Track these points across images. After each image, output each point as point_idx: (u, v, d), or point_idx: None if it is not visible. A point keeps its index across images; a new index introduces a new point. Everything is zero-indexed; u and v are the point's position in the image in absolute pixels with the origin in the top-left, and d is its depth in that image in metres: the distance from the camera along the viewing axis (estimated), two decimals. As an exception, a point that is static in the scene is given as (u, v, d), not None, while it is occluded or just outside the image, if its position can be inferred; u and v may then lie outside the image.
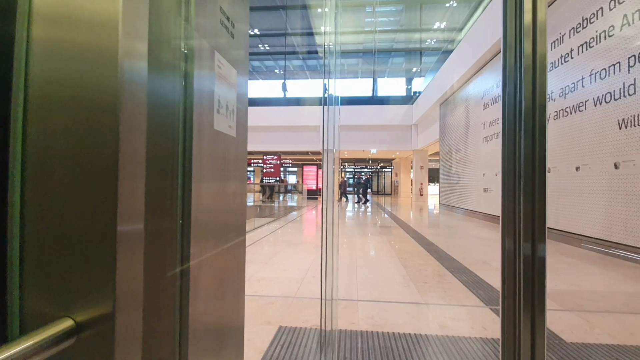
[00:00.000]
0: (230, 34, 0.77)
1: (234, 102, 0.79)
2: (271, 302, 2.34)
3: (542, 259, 0.74)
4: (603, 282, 2.93)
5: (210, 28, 0.67)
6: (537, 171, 0.76)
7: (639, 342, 1.78)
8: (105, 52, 0.42)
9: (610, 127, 4.02)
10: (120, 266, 0.42)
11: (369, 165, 28.94)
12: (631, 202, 3.71)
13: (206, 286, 0.68)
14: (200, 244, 0.64)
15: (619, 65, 3.89)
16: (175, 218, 0.58)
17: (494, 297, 2.48)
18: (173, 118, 0.57)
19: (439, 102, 11.79)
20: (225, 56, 0.74)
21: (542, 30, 0.78)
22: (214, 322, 0.73)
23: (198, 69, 0.61)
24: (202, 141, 0.63)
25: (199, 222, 0.63)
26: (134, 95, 0.44)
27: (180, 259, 0.59)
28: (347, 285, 2.75)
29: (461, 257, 3.88)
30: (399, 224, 7.15)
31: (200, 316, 0.65)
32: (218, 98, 0.70)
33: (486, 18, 7.46)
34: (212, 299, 0.71)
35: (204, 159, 0.64)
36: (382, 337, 1.83)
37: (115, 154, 0.41)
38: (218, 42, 0.70)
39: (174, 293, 0.58)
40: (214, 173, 0.69)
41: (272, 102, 16.85)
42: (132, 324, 0.45)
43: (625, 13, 3.81)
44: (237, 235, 0.84)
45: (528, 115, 0.77)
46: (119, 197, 0.41)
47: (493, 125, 7.53)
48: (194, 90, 0.59)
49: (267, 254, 3.94)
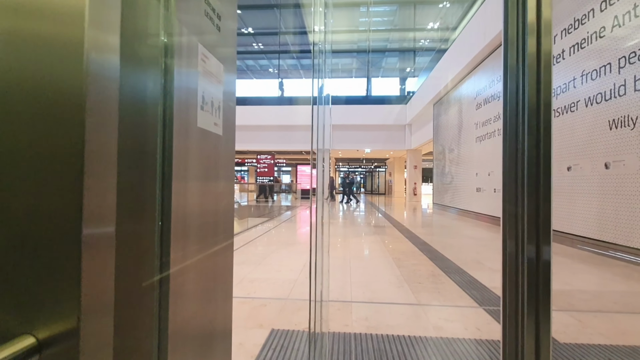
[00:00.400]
0: (216, 27, 0.73)
1: (220, 99, 0.75)
2: (264, 304, 2.30)
3: (547, 263, 0.72)
4: (594, 281, 2.96)
5: (194, 19, 0.63)
6: (542, 171, 0.73)
7: (631, 342, 1.79)
8: (69, 44, 0.38)
9: (601, 127, 4.06)
10: (86, 274, 0.38)
11: (363, 164, 29.01)
12: (621, 202, 3.76)
13: (189, 291, 0.64)
14: (182, 247, 0.60)
15: (610, 66, 3.93)
16: (154, 219, 0.54)
17: (487, 298, 2.48)
18: (150, 115, 0.53)
19: (433, 102, 11.84)
20: (211, 50, 0.70)
21: (547, 26, 0.76)
22: (199, 328, 0.69)
23: (179, 63, 0.57)
24: (184, 139, 0.59)
25: (180, 224, 0.59)
26: (103, 90, 0.40)
27: (159, 263, 0.55)
28: (340, 286, 2.73)
29: (455, 256, 3.89)
30: (392, 224, 7.15)
31: (182, 323, 0.61)
32: (202, 94, 0.66)
33: (479, 18, 7.50)
34: (197, 304, 0.68)
35: (187, 158, 0.60)
36: (376, 340, 1.80)
37: (80, 151, 0.37)
38: (202, 34, 0.66)
39: (152, 300, 0.54)
40: (197, 172, 0.65)
41: (266, 102, 16.76)
42: (101, 338, 0.41)
43: (616, 14, 3.85)
44: (224, 237, 0.80)
45: (532, 113, 0.75)
46: (85, 198, 0.37)
47: (486, 126, 7.57)
48: (175, 85, 0.55)
49: (261, 255, 3.89)
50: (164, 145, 0.55)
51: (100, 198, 0.40)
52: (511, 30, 0.83)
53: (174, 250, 0.57)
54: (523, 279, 0.77)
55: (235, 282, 2.77)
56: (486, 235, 5.66)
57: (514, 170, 0.77)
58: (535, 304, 0.72)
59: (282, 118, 15.46)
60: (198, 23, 0.65)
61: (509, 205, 0.78)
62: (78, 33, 0.38)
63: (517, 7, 0.83)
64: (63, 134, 0.37)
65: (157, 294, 0.55)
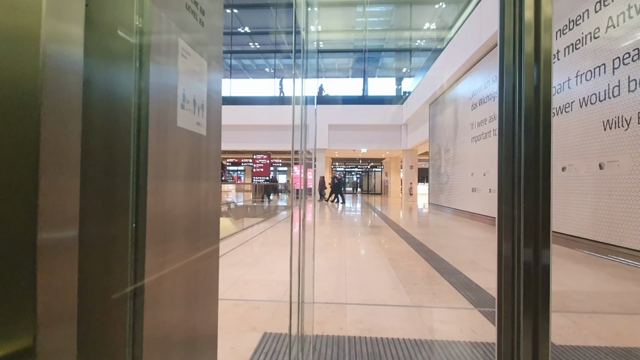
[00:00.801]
0: (199, 21, 0.70)
1: (203, 98, 0.72)
2: (257, 307, 2.26)
3: (547, 267, 0.69)
4: (589, 281, 2.96)
5: (173, 12, 0.60)
6: (542, 171, 0.70)
7: (626, 344, 1.78)
8: (25, 34, 0.35)
9: (596, 128, 4.07)
10: (43, 284, 0.34)
11: (360, 164, 29.03)
12: (615, 202, 3.77)
13: (169, 296, 0.61)
14: (160, 250, 0.57)
15: (604, 67, 3.94)
16: (127, 222, 0.51)
17: (482, 299, 2.46)
18: (123, 112, 0.49)
19: (429, 102, 11.86)
20: (193, 46, 0.67)
21: (548, 23, 0.73)
22: (180, 335, 0.66)
23: (156, 58, 0.54)
24: (161, 138, 0.55)
25: (158, 226, 0.56)
26: (64, 85, 0.36)
27: (133, 269, 0.51)
28: (335, 287, 2.70)
29: (450, 257, 3.88)
30: (388, 224, 7.14)
31: (160, 331, 0.57)
32: (183, 92, 0.63)
33: (475, 18, 7.51)
34: (178, 310, 0.64)
35: (165, 158, 0.57)
36: (370, 343, 1.77)
37: (34, 150, 0.34)
38: (183, 29, 0.63)
39: (124, 309, 0.51)
40: (178, 173, 0.62)
41: (262, 101, 16.69)
42: (63, 356, 0.38)
43: (611, 15, 3.86)
44: (208, 239, 0.77)
45: (529, 113, 0.72)
46: (40, 200, 0.34)
47: (481, 126, 7.59)
48: (150, 82, 0.52)
49: (255, 256, 3.85)
50: (139, 145, 0.51)
51: (60, 200, 0.36)
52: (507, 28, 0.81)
53: (151, 254, 0.54)
54: (519, 283, 0.74)
55: (229, 284, 2.73)
56: (482, 236, 5.66)
57: (511, 171, 0.74)
58: (533, 310, 0.69)
59: (277, 117, 15.41)
60: (178, 16, 0.61)
61: (505, 207, 0.75)
62: (34, 22, 0.35)
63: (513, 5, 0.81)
64: (16, 130, 0.34)
65: (130, 302, 0.51)
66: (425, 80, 12.00)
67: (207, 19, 0.74)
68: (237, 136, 16.63)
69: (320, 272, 3.16)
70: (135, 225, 0.52)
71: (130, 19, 0.52)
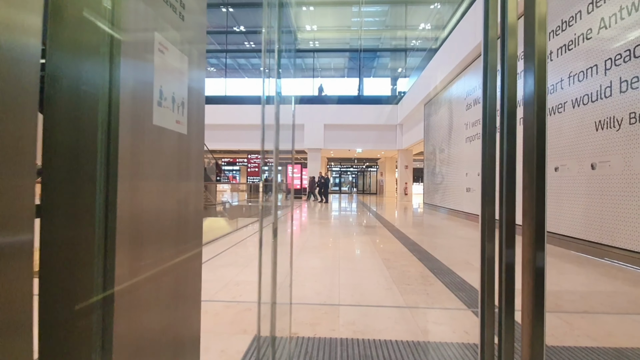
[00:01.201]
0: (179, 15, 0.67)
1: (184, 95, 0.69)
2: (249, 309, 2.23)
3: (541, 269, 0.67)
4: (580, 281, 2.97)
5: (149, 2, 0.57)
6: (537, 172, 0.69)
7: (618, 344, 1.78)
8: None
9: (588, 128, 4.10)
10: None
11: (355, 164, 29.07)
12: (606, 202, 3.80)
13: (144, 300, 0.58)
14: (133, 253, 0.54)
15: (597, 67, 3.97)
16: (94, 224, 0.48)
17: (475, 299, 2.46)
18: (88, 109, 0.46)
19: (424, 102, 11.90)
20: (172, 41, 0.64)
21: (542, 22, 0.72)
22: (156, 339, 0.63)
23: (128, 51, 0.51)
24: (134, 137, 0.52)
25: (131, 228, 0.53)
26: (15, 77, 0.34)
27: (102, 273, 0.48)
28: (329, 288, 2.68)
29: (444, 257, 3.88)
30: (383, 224, 7.14)
31: (133, 336, 0.54)
32: (160, 88, 0.60)
33: (469, 19, 7.54)
34: (153, 314, 0.61)
35: (139, 158, 0.54)
36: (362, 345, 1.76)
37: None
38: (160, 22, 0.60)
39: (92, 315, 0.48)
40: (154, 173, 0.59)
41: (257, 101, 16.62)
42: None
43: (603, 16, 3.89)
44: (189, 241, 0.74)
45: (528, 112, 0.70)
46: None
47: (476, 126, 7.62)
48: (121, 77, 0.49)
49: (248, 256, 3.82)
50: (109, 143, 0.48)
51: (10, 200, 0.33)
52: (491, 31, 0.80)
53: (122, 258, 0.51)
54: (500, 285, 0.73)
55: (221, 286, 2.70)
56: (476, 235, 5.68)
57: (492, 172, 0.72)
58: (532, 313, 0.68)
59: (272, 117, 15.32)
60: (155, 9, 0.59)
61: (489, 207, 0.74)
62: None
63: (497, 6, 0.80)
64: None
65: (98, 310, 0.48)
66: (420, 80, 12.03)
67: (188, 14, 0.71)
68: (231, 136, 16.54)
69: (314, 273, 3.14)
70: (104, 228, 0.49)
71: (100, 10, 0.49)
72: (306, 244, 4.72)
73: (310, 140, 16.16)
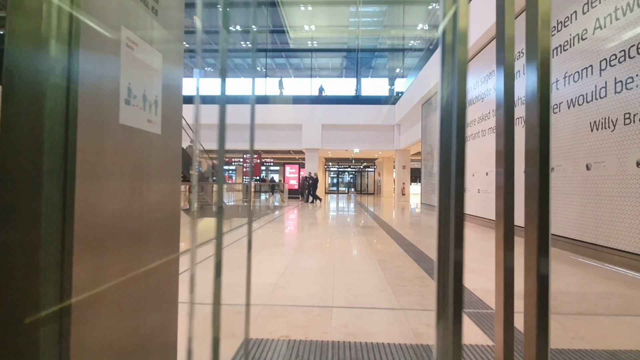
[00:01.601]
0: (151, 9, 0.64)
1: (157, 93, 0.66)
2: (239, 311, 2.20)
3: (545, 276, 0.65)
4: (575, 282, 2.96)
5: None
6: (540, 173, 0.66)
7: (612, 346, 1.76)
8: None
9: (583, 129, 4.09)
10: None
11: (352, 164, 29.07)
12: (601, 203, 3.79)
13: (107, 308, 0.55)
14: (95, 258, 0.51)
15: (592, 68, 3.97)
16: (47, 228, 0.44)
17: (467, 300, 2.44)
18: (39, 105, 0.43)
19: (421, 102, 11.90)
20: (142, 36, 0.61)
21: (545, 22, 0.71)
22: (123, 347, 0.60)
23: (88, 44, 0.48)
24: (96, 136, 0.49)
25: (92, 231, 0.50)
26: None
27: (58, 279, 0.45)
28: (323, 290, 2.65)
29: (439, 258, 3.85)
30: (380, 224, 7.12)
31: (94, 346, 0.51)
32: (128, 86, 0.57)
33: (466, 20, 7.54)
34: (119, 321, 0.58)
35: (102, 158, 0.51)
36: (354, 348, 1.73)
37: None
38: (128, 14, 0.57)
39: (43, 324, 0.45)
40: (119, 174, 0.56)
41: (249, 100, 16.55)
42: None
43: (598, 17, 3.88)
44: (163, 243, 0.71)
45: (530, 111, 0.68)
46: None
47: (471, 126, 7.62)
48: (80, 72, 0.46)
49: (241, 258, 3.78)
50: (66, 142, 0.45)
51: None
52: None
53: (80, 262, 0.48)
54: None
55: (211, 288, 2.66)
56: (471, 236, 5.67)
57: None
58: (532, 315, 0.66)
59: (268, 116, 15.30)
60: (121, 1, 0.56)
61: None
62: None
63: None
64: None
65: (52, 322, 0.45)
66: (418, 80, 12.04)
67: (162, 9, 0.68)
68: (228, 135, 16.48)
69: (309, 274, 3.11)
70: (61, 231, 0.45)
71: (63, 0, 0.46)
72: (302, 245, 4.69)
73: (308, 141, 16.13)
